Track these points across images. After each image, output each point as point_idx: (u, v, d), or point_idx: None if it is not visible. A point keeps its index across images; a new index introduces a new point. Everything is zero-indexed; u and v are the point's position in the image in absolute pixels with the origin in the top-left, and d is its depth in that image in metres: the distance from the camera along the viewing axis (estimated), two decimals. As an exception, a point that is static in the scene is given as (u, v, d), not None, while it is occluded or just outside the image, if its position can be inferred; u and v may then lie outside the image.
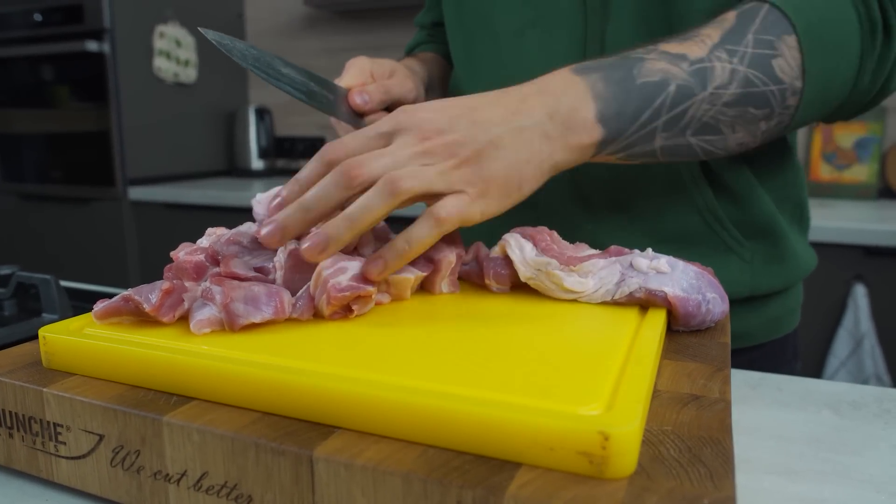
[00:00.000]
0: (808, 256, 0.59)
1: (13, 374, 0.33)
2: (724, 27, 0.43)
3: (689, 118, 0.42)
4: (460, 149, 0.37)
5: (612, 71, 0.41)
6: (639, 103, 0.41)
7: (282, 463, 0.26)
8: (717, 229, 0.54)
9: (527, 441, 0.24)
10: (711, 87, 0.41)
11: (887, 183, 1.61)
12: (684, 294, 0.38)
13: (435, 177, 0.36)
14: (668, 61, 0.41)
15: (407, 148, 0.37)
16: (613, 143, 0.41)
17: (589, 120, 0.40)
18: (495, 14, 0.56)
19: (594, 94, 0.40)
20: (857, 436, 0.36)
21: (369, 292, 0.35)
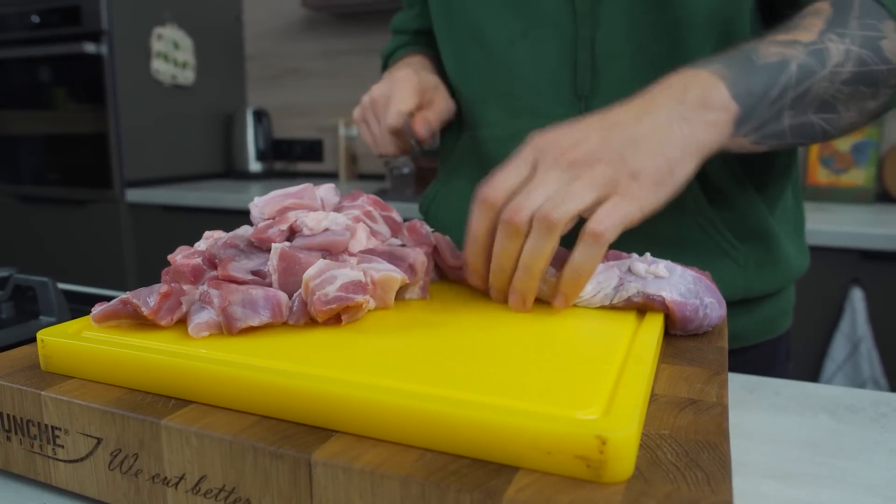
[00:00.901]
0: (800, 258, 0.60)
1: (11, 377, 0.33)
2: (824, 16, 0.44)
3: (813, 95, 0.43)
4: (600, 153, 0.38)
5: (730, 59, 0.42)
6: (766, 81, 0.41)
7: (280, 466, 0.26)
8: (711, 233, 0.54)
9: (524, 445, 0.24)
10: (830, 66, 0.42)
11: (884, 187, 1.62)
12: (682, 299, 0.38)
13: (582, 191, 0.37)
14: (782, 46, 0.42)
15: (552, 170, 0.38)
16: (748, 122, 0.42)
17: (724, 96, 0.40)
18: (485, 26, 0.57)
19: (720, 76, 0.41)
20: (853, 440, 0.36)
21: (358, 303, 0.35)
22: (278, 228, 0.38)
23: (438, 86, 0.59)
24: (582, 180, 0.37)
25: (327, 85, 2.17)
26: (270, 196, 0.42)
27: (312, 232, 0.38)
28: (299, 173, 2.27)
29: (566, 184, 0.37)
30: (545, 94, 0.55)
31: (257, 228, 0.39)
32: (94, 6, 1.75)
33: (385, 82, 0.58)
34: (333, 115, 2.18)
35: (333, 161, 2.21)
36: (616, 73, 0.52)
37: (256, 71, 2.28)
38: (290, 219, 0.39)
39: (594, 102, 0.54)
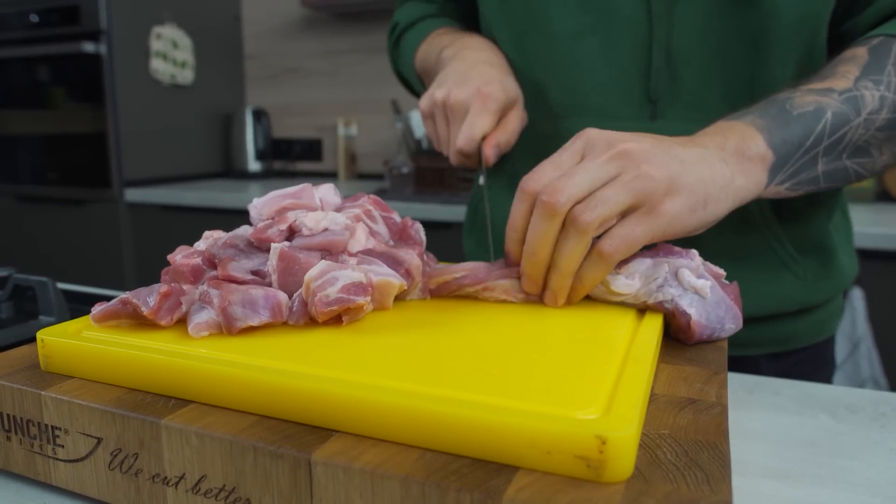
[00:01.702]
0: (852, 266, 0.60)
1: (11, 376, 0.33)
2: (860, 63, 0.45)
3: (847, 142, 0.43)
4: (650, 155, 0.37)
5: (764, 110, 0.43)
6: (801, 131, 0.42)
7: (280, 466, 0.26)
8: (775, 246, 0.54)
9: (524, 444, 0.24)
10: (865, 113, 0.43)
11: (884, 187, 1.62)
12: (706, 323, 0.38)
13: (618, 194, 0.36)
14: (817, 94, 0.43)
15: (597, 157, 0.37)
16: (782, 170, 0.42)
17: (760, 146, 0.41)
18: (550, 15, 0.54)
19: (756, 128, 0.42)
20: (853, 439, 0.36)
21: (359, 304, 0.35)
22: (277, 228, 0.38)
23: (519, 98, 0.54)
24: (622, 180, 0.36)
25: (326, 84, 2.17)
26: (269, 196, 0.42)
27: (311, 232, 0.38)
28: (298, 173, 2.27)
29: (608, 175, 0.37)
30: (613, 93, 0.53)
31: (257, 228, 0.39)
32: (92, 6, 1.74)
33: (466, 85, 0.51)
34: (333, 115, 2.18)
35: (333, 160, 2.21)
36: (692, 78, 0.51)
37: (255, 70, 2.28)
38: (289, 219, 0.39)
39: (665, 106, 0.52)
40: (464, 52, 0.55)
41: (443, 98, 0.51)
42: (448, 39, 0.60)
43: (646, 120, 0.52)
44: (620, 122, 0.52)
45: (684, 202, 0.37)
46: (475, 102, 0.49)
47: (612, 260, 0.37)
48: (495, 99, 0.49)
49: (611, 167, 0.37)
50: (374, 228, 0.43)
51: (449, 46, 0.58)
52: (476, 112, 0.49)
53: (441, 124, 0.53)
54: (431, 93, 0.52)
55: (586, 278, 0.38)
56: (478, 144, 0.49)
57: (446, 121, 0.52)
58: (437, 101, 0.51)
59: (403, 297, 0.41)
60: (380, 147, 2.12)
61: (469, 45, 0.57)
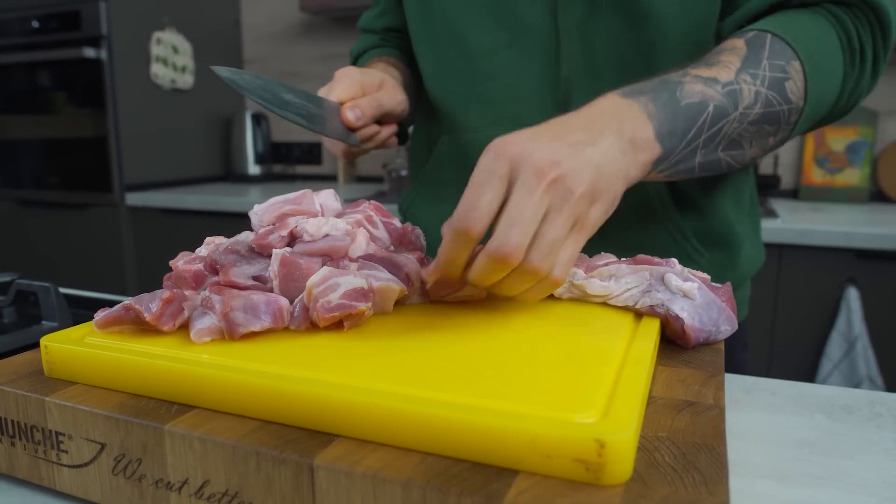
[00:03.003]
0: (757, 256, 0.63)
1: (15, 383, 0.33)
2: (740, 54, 0.46)
3: (723, 135, 0.45)
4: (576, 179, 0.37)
5: (657, 94, 0.44)
6: (686, 122, 0.43)
7: (283, 471, 0.26)
8: (679, 240, 0.57)
9: (524, 448, 0.24)
10: (741, 108, 0.45)
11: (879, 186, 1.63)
12: (700, 326, 0.38)
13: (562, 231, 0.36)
14: (704, 84, 0.44)
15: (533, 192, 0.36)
16: (666, 161, 0.43)
17: (650, 138, 0.42)
18: (467, 34, 0.57)
19: (647, 114, 0.42)
20: (849, 440, 0.36)
21: (360, 310, 0.36)
22: (279, 234, 0.39)
23: (385, 82, 0.58)
24: (561, 213, 0.36)
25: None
26: (269, 203, 0.42)
27: (313, 238, 0.38)
28: (298, 176, 2.27)
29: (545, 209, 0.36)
30: (527, 104, 0.57)
31: (258, 234, 0.39)
32: (93, 11, 1.75)
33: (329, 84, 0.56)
34: (332, 118, 2.18)
35: (332, 164, 2.22)
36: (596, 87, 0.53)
37: (255, 74, 2.28)
38: (290, 224, 0.39)
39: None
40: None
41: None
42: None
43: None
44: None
45: (603, 206, 0.39)
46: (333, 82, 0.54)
47: (561, 283, 0.37)
48: (349, 76, 0.54)
49: (547, 199, 0.36)
50: (374, 234, 0.43)
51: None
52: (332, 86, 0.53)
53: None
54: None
55: (533, 298, 0.38)
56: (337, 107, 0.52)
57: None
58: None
59: (403, 302, 0.42)
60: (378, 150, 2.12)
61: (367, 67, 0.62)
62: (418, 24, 0.62)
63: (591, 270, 0.42)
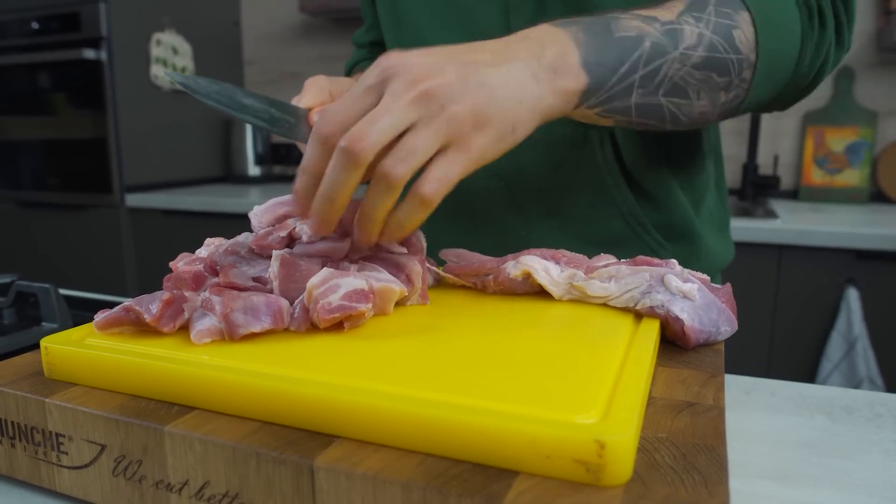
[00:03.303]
0: (724, 252, 0.63)
1: (15, 384, 0.33)
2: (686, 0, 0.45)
3: (662, 76, 0.43)
4: (454, 92, 0.35)
5: (591, 25, 0.42)
6: (618, 54, 0.41)
7: (283, 472, 0.26)
8: (640, 233, 0.57)
9: (524, 449, 0.24)
10: (682, 48, 0.43)
11: (879, 187, 1.63)
12: (700, 327, 0.38)
13: (426, 143, 0.34)
14: (641, 21, 0.43)
15: (399, 98, 0.35)
16: (595, 95, 0.42)
17: (574, 65, 0.40)
18: (428, 36, 0.58)
19: (576, 42, 0.41)
20: (849, 440, 0.36)
21: (361, 311, 0.36)
22: (278, 235, 0.39)
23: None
24: (429, 126, 0.35)
25: (325, 89, 2.18)
26: (268, 204, 0.42)
27: (311, 239, 0.38)
28: (298, 177, 2.27)
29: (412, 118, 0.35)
30: None
31: (257, 236, 0.39)
32: (93, 13, 1.75)
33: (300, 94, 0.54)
34: (332, 119, 2.19)
35: (332, 164, 2.22)
36: None
37: (255, 75, 2.29)
38: (289, 226, 0.40)
39: None
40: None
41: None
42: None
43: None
44: None
45: (493, 133, 0.37)
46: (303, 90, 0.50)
47: (434, 203, 0.36)
48: (317, 83, 0.50)
49: (414, 110, 0.35)
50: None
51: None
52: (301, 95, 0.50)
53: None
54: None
55: (407, 223, 0.37)
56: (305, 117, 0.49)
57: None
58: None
59: (404, 303, 0.42)
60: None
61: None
62: (392, 35, 0.63)
63: (591, 272, 0.42)
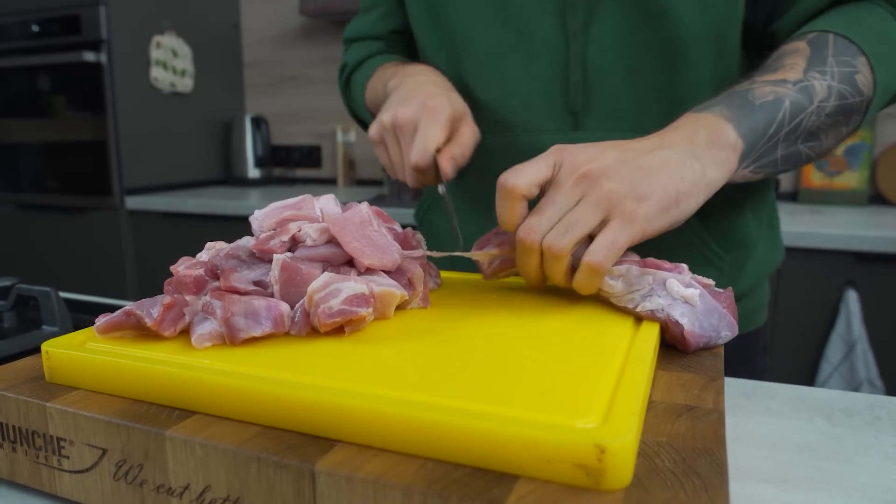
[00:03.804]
0: (774, 254, 0.63)
1: (16, 388, 0.33)
2: (804, 55, 0.48)
3: (802, 128, 0.47)
4: (612, 171, 0.40)
5: (729, 101, 0.46)
6: (765, 119, 0.45)
7: (284, 477, 0.26)
8: (697, 243, 0.57)
9: (524, 453, 0.24)
10: (816, 102, 0.46)
11: (878, 189, 1.63)
12: (700, 331, 0.38)
13: (586, 214, 0.39)
14: (773, 85, 0.46)
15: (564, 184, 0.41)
16: (749, 157, 0.45)
17: (731, 135, 0.44)
18: (474, 36, 0.57)
19: (725, 118, 0.44)
20: (849, 444, 0.36)
21: (361, 316, 0.36)
22: (280, 239, 0.39)
23: (466, 112, 0.53)
24: (588, 200, 0.39)
25: (325, 91, 2.18)
26: (270, 208, 0.42)
27: (315, 243, 0.38)
28: (298, 179, 2.27)
29: (574, 200, 0.40)
30: (537, 109, 0.56)
31: (259, 240, 0.39)
32: (93, 15, 1.75)
33: (411, 103, 0.50)
34: (331, 122, 2.19)
35: (332, 167, 2.22)
36: (608, 89, 0.54)
37: (254, 78, 2.29)
38: (291, 229, 0.40)
39: (585, 119, 0.55)
40: (406, 80, 0.56)
41: (390, 120, 0.50)
42: (392, 72, 0.61)
43: (568, 132, 0.56)
44: (545, 135, 0.56)
45: (655, 204, 0.40)
46: (423, 117, 0.48)
47: (602, 270, 0.39)
48: (442, 111, 0.49)
49: (575, 192, 0.40)
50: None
51: (393, 77, 0.59)
52: (425, 125, 0.48)
53: (393, 147, 0.52)
54: (379, 118, 0.52)
55: (583, 288, 0.41)
56: (432, 157, 0.48)
57: (397, 142, 0.51)
58: (385, 124, 0.51)
59: (404, 307, 0.42)
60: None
61: (411, 73, 0.57)
62: (427, 32, 0.61)
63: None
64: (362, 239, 0.40)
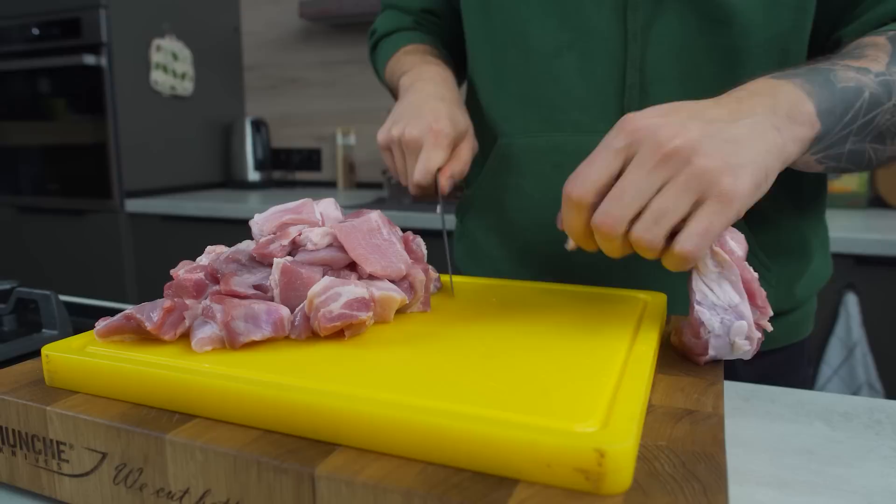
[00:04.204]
0: (825, 269, 0.60)
1: (16, 392, 0.33)
2: (886, 49, 0.45)
3: (875, 125, 0.43)
4: (701, 145, 0.35)
5: (811, 76, 0.42)
6: (843, 104, 0.42)
7: (284, 481, 0.26)
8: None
9: (524, 458, 0.24)
10: (895, 99, 0.43)
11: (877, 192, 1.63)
12: (714, 354, 0.37)
13: (676, 201, 0.35)
14: (856, 72, 0.43)
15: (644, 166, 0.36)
16: (822, 142, 0.42)
17: (811, 112, 0.40)
18: (529, 32, 0.55)
19: (806, 92, 0.41)
20: (848, 447, 0.36)
21: (361, 320, 0.36)
22: (280, 243, 0.39)
23: (469, 130, 0.57)
24: (677, 183, 0.35)
25: (325, 94, 2.18)
26: (270, 212, 0.42)
27: (316, 247, 0.38)
28: (298, 182, 2.28)
29: (660, 182, 0.35)
30: (591, 109, 0.54)
31: (259, 244, 0.39)
32: (93, 18, 1.76)
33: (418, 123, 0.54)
34: (331, 125, 2.19)
35: (332, 170, 2.22)
36: (665, 94, 0.52)
37: (254, 81, 2.29)
38: (291, 233, 0.40)
39: None
40: (417, 84, 0.59)
41: (398, 135, 0.55)
42: (409, 63, 0.64)
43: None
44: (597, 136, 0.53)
45: (750, 180, 0.36)
46: (428, 139, 0.53)
47: (694, 258, 0.35)
48: (446, 134, 0.53)
49: (661, 173, 0.35)
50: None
51: (408, 73, 0.63)
52: (429, 147, 0.53)
53: (398, 158, 0.56)
54: (388, 128, 0.56)
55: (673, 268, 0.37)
56: (433, 177, 0.53)
57: (403, 155, 0.56)
58: (393, 137, 0.55)
59: (404, 310, 0.42)
60: (378, 156, 2.13)
61: (423, 77, 0.60)
62: (475, 17, 0.59)
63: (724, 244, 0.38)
64: (369, 247, 0.40)
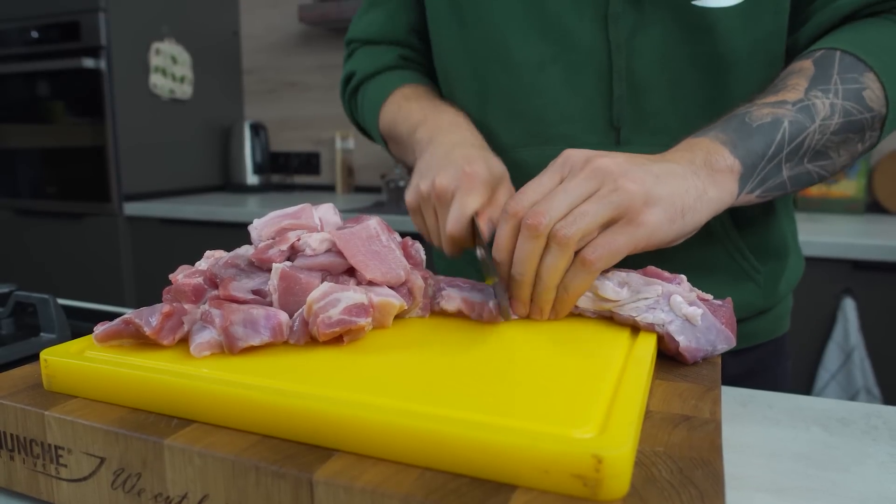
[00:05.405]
0: (800, 263, 0.64)
1: (14, 396, 0.33)
2: (808, 75, 0.47)
3: (806, 148, 0.46)
4: (624, 169, 0.40)
5: (725, 126, 0.46)
6: (762, 141, 0.45)
7: (282, 486, 0.26)
8: (737, 258, 0.57)
9: (522, 464, 0.25)
10: (819, 120, 0.46)
11: (875, 198, 1.64)
12: (696, 347, 0.38)
13: (598, 209, 0.39)
14: (772, 107, 0.46)
15: (576, 176, 0.40)
16: (751, 179, 0.45)
17: (727, 157, 0.44)
18: (510, 46, 0.54)
19: (720, 142, 0.44)
20: (845, 453, 0.36)
21: (360, 325, 0.36)
22: (279, 248, 0.39)
23: (505, 175, 0.51)
24: (601, 194, 0.39)
25: (324, 98, 2.19)
26: (268, 217, 0.42)
27: (315, 252, 0.39)
28: (296, 186, 2.28)
29: (587, 192, 0.39)
30: (578, 121, 0.54)
31: (258, 249, 0.39)
32: (92, 22, 1.76)
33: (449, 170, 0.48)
34: (330, 128, 2.19)
35: (330, 174, 2.22)
36: (652, 104, 0.53)
37: (253, 85, 2.30)
38: (290, 239, 0.40)
39: (628, 132, 0.54)
40: (439, 137, 0.53)
41: (427, 188, 0.48)
42: (419, 113, 0.58)
43: (611, 146, 0.55)
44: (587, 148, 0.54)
45: (663, 213, 0.40)
46: (462, 184, 0.46)
47: (595, 268, 0.39)
48: (481, 178, 0.47)
49: (589, 184, 0.40)
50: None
51: (422, 125, 0.56)
52: (463, 193, 0.46)
53: (429, 215, 0.50)
54: (416, 185, 0.50)
55: (571, 287, 0.40)
56: (468, 222, 0.46)
57: (434, 211, 0.49)
58: (422, 192, 0.49)
59: (403, 316, 0.42)
60: (377, 160, 2.13)
61: (443, 128, 0.55)
62: (448, 30, 0.57)
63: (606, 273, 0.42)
64: (368, 253, 0.40)
